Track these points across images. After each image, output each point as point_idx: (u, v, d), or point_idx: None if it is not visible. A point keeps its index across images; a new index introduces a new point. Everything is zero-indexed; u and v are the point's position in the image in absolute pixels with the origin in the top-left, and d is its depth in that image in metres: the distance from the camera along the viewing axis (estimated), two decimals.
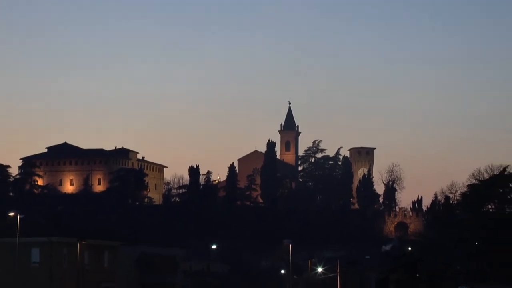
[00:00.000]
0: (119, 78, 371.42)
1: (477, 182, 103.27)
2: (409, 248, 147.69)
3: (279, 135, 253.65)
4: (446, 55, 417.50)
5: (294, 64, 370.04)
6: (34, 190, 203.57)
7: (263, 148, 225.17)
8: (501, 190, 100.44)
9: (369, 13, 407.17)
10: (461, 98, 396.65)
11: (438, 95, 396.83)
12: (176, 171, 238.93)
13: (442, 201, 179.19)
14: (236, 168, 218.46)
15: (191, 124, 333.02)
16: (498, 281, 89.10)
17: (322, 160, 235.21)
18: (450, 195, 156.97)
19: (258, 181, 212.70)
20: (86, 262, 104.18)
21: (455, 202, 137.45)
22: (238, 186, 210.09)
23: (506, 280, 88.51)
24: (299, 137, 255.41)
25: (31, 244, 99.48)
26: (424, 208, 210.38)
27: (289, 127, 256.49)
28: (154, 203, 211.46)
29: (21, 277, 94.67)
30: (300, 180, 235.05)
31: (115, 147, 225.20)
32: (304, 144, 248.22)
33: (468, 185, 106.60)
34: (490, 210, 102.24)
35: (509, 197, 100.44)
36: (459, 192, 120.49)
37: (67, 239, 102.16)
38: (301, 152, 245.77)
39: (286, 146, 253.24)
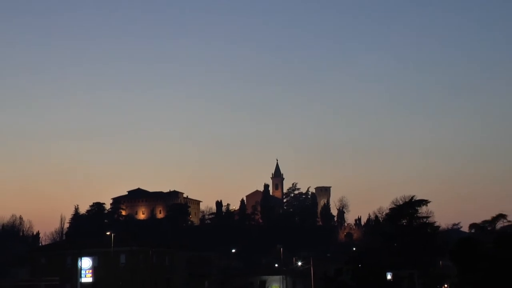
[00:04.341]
0: (169, 144, 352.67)
1: (395, 206, 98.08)
2: (354, 249, 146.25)
3: (271, 180, 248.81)
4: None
5: (278, 134, 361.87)
6: (120, 218, 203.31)
7: (261, 188, 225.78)
8: (410, 211, 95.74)
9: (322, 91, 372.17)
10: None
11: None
12: (207, 204, 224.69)
13: (373, 219, 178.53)
14: (245, 201, 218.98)
15: (217, 173, 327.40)
16: (409, 267, 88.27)
17: (298, 195, 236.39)
18: (379, 215, 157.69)
19: (259, 209, 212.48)
20: (155, 264, 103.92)
21: (382, 219, 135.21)
22: (246, 212, 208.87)
23: (413, 265, 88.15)
24: (284, 181, 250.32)
25: (120, 251, 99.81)
26: (363, 223, 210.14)
27: (277, 175, 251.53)
28: (194, 225, 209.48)
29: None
30: (285, 207, 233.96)
31: (169, 190, 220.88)
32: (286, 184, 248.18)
33: (389, 209, 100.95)
34: (404, 223, 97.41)
35: (415, 215, 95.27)
36: (384, 213, 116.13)
37: (142, 248, 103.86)
38: (285, 190, 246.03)
39: (275, 187, 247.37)
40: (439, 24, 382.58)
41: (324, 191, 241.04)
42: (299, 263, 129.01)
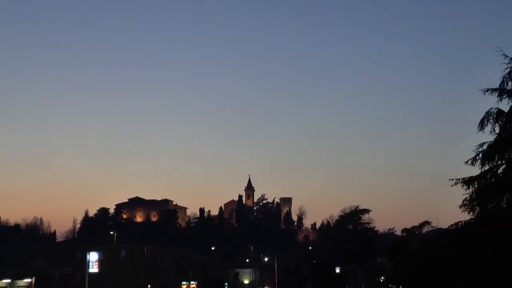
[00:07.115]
0: (164, 159, 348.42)
1: (343, 214, 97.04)
2: (310, 248, 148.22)
3: (244, 191, 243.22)
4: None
5: (251, 154, 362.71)
6: (121, 221, 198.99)
7: (236, 198, 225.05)
8: (355, 218, 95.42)
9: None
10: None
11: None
12: (192, 210, 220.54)
13: (326, 224, 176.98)
14: (223, 208, 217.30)
15: (201, 185, 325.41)
16: (353, 263, 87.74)
17: (266, 204, 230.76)
18: (330, 221, 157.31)
19: (234, 215, 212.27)
20: (149, 259, 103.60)
21: (333, 224, 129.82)
22: (224, 217, 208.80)
23: (357, 262, 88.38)
24: (254, 193, 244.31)
25: (121, 248, 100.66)
26: (317, 227, 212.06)
27: (249, 187, 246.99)
28: (181, 227, 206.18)
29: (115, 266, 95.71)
30: (255, 214, 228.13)
31: (162, 198, 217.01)
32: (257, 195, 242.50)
33: (339, 216, 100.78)
34: (350, 228, 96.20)
35: (359, 222, 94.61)
36: (334, 219, 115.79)
37: (139, 246, 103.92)
38: (255, 200, 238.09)
39: (248, 197, 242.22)
40: (393, 56, 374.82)
41: (287, 201, 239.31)
42: (266, 259, 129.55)
